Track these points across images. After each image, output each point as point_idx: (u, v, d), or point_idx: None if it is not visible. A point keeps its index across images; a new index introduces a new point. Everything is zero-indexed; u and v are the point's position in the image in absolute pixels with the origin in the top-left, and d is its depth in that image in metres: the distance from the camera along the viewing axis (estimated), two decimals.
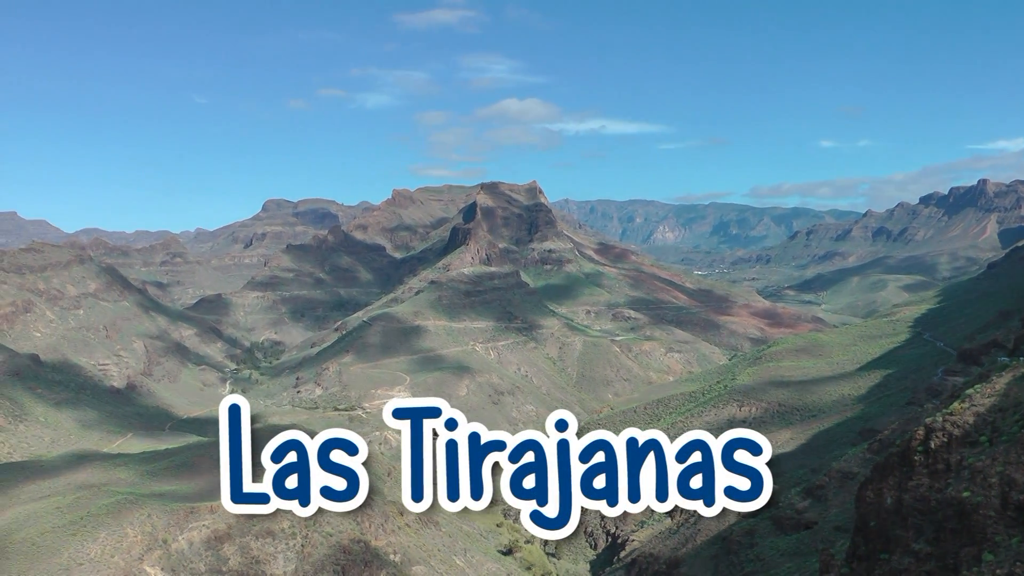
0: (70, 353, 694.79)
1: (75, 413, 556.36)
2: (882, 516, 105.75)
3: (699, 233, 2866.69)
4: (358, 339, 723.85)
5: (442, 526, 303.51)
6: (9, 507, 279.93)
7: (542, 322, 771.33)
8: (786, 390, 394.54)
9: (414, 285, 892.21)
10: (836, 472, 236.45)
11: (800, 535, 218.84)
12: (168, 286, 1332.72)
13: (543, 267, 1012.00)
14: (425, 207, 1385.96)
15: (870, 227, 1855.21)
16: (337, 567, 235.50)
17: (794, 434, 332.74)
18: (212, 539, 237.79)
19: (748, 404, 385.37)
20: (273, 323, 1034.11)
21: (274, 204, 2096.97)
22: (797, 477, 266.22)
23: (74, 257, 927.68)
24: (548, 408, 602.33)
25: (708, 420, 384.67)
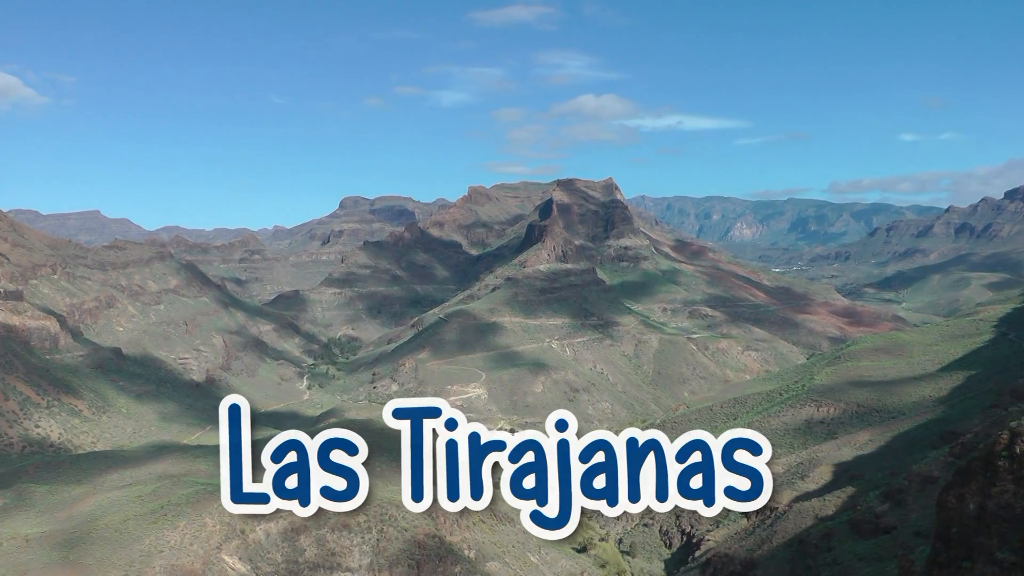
0: (151, 347, 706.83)
1: (156, 405, 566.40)
2: (964, 523, 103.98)
3: (777, 230, 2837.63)
4: (434, 335, 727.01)
5: (516, 522, 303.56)
6: (93, 495, 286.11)
7: (618, 319, 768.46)
8: (865, 391, 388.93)
9: (490, 282, 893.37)
10: (916, 476, 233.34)
11: (879, 540, 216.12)
12: (246, 282, 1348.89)
13: (619, 264, 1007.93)
14: (501, 204, 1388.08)
15: (952, 223, 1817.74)
16: (412, 562, 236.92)
17: (873, 436, 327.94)
18: (289, 531, 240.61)
19: (826, 404, 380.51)
20: (350, 319, 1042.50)
21: (351, 201, 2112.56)
22: (876, 480, 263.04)
23: (155, 254, 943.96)
24: (624, 406, 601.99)
25: (785, 420, 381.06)
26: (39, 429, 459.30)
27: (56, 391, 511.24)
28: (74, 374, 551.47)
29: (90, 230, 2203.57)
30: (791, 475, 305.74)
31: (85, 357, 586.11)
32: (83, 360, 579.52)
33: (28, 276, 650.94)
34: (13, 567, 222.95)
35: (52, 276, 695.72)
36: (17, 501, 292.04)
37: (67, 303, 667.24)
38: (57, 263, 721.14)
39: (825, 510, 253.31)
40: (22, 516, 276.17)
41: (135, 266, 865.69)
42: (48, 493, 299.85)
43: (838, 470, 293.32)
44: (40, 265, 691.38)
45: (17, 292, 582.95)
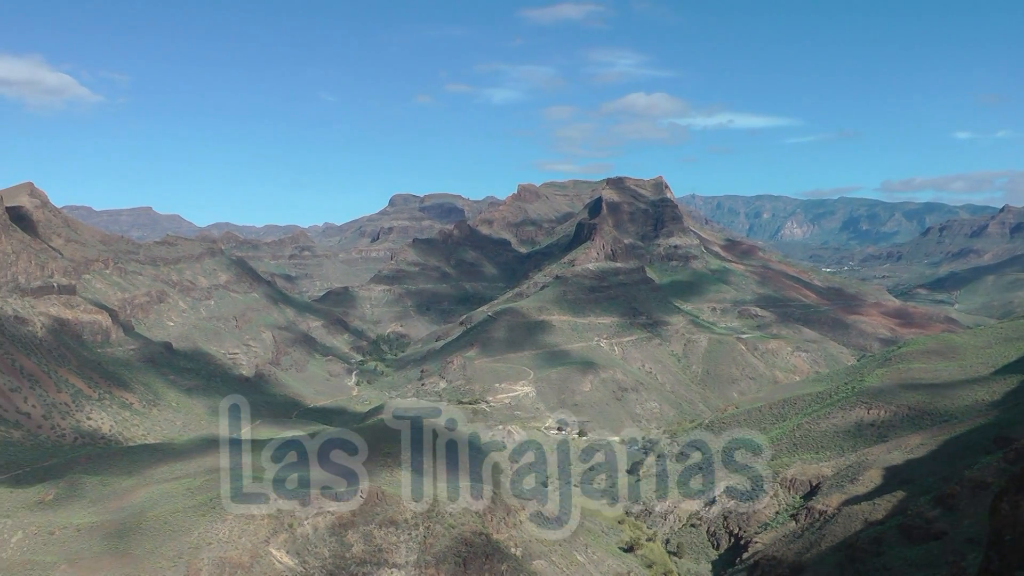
0: (201, 342, 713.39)
1: (205, 400, 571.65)
2: (1019, 530, 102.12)
3: (828, 229, 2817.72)
4: (483, 333, 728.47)
5: (564, 521, 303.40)
6: (143, 487, 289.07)
7: (667, 319, 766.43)
8: (917, 393, 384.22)
9: (539, 280, 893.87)
10: (969, 481, 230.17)
11: (929, 545, 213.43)
12: (296, 278, 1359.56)
13: (669, 263, 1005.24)
14: (550, 202, 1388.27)
15: (1008, 223, 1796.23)
16: (458, 559, 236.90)
17: (924, 439, 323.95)
18: (336, 526, 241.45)
19: (877, 407, 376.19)
20: (399, 316, 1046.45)
21: (401, 199, 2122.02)
22: (927, 485, 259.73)
23: (206, 250, 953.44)
24: (672, 405, 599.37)
25: (835, 422, 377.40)
26: (91, 421, 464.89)
27: (107, 384, 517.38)
28: (125, 368, 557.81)
29: (142, 226, 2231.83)
30: (840, 478, 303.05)
31: (136, 351, 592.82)
32: (134, 354, 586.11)
33: (81, 271, 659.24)
34: (65, 555, 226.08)
35: (104, 271, 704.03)
36: (69, 491, 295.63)
37: (119, 298, 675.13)
38: (109, 258, 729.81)
39: (875, 514, 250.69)
40: (74, 506, 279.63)
41: (186, 262, 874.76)
42: (99, 484, 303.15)
43: (888, 474, 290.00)
44: (93, 260, 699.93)
45: (70, 287, 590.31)
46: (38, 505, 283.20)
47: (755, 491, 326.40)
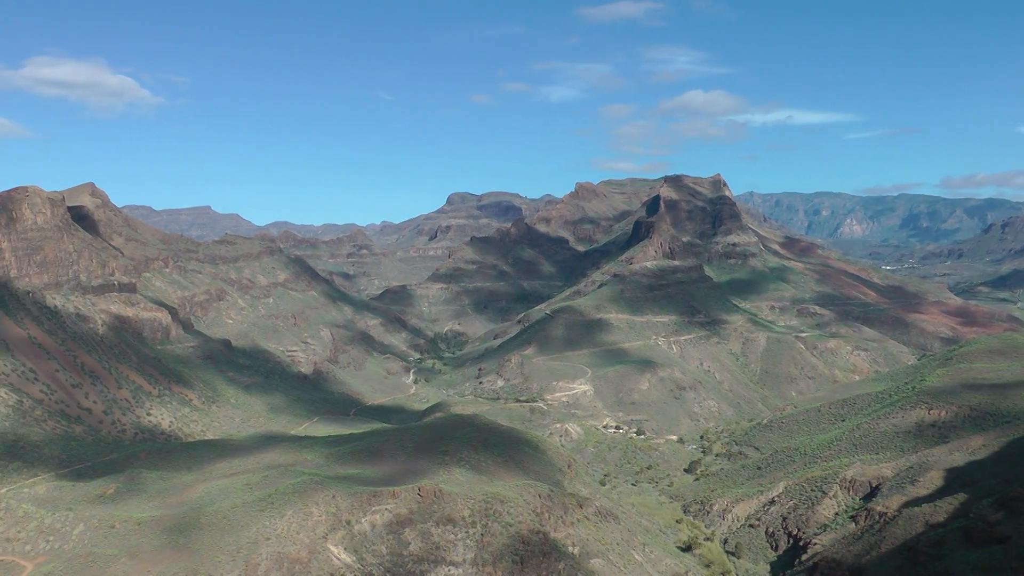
0: (260, 339, 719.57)
1: (264, 396, 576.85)
2: None
3: (887, 226, 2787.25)
4: (540, 331, 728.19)
5: (621, 520, 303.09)
6: (202, 482, 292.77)
7: (725, 317, 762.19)
8: (979, 393, 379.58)
9: (597, 278, 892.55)
10: None
11: (992, 549, 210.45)
12: (354, 277, 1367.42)
13: (727, 261, 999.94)
14: (608, 200, 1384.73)
15: None
16: (516, 557, 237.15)
17: (987, 441, 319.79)
18: (394, 523, 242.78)
19: (938, 407, 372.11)
20: (456, 314, 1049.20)
21: (458, 197, 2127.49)
22: (990, 487, 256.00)
23: (264, 249, 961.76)
24: (730, 405, 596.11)
25: (895, 423, 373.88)
26: (151, 417, 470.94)
27: (167, 381, 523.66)
28: (185, 365, 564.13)
29: (201, 225, 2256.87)
30: (901, 479, 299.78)
31: (195, 348, 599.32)
32: (193, 351, 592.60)
33: (141, 269, 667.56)
34: (126, 548, 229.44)
35: (164, 270, 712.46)
36: (130, 486, 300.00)
37: (178, 296, 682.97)
38: (169, 257, 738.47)
39: (936, 517, 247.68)
40: (134, 500, 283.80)
41: (245, 260, 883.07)
42: (159, 479, 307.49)
43: (950, 475, 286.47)
44: (153, 259, 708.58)
45: (130, 285, 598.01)
46: (99, 499, 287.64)
47: (814, 492, 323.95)
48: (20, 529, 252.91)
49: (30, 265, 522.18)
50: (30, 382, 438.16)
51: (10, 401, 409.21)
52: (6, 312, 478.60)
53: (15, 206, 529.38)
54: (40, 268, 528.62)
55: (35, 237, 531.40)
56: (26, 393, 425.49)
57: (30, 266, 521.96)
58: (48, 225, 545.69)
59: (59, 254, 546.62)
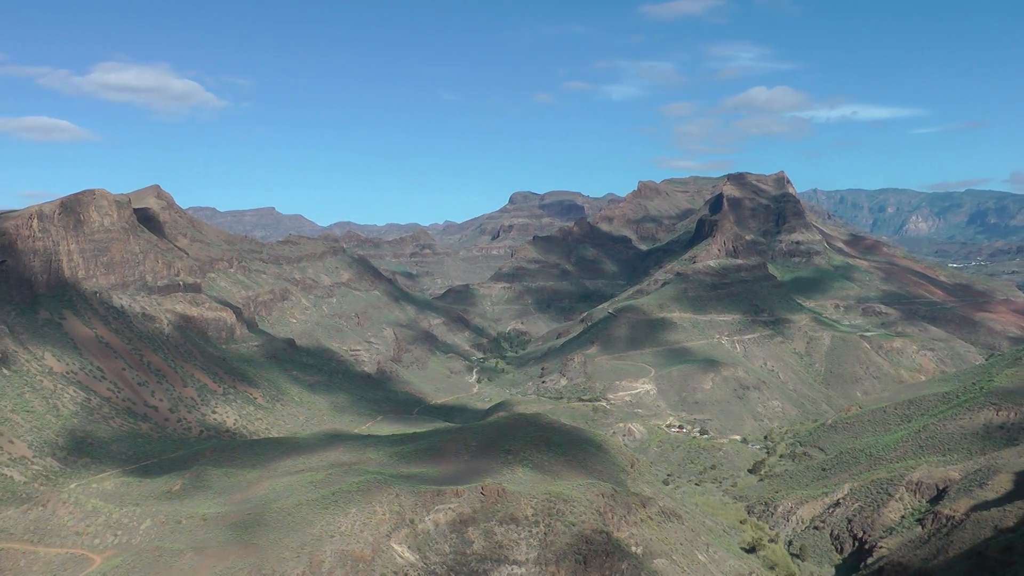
0: (324, 339, 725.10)
1: (328, 395, 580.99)
2: None
3: (954, 223, 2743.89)
4: (603, 331, 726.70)
5: (685, 520, 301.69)
6: (267, 479, 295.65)
7: (789, 316, 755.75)
8: None
9: (660, 277, 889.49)
10: None
11: None
12: (417, 276, 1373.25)
13: (791, 259, 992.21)
14: (671, 199, 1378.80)
15: None
16: (579, 556, 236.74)
17: None
18: (457, 522, 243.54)
19: (1006, 408, 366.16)
20: (519, 313, 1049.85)
21: (521, 196, 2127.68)
22: None
23: (328, 249, 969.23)
24: (795, 405, 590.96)
25: (962, 424, 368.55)
26: (216, 415, 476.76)
27: (232, 379, 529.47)
28: (249, 363, 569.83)
29: (265, 226, 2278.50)
30: (968, 482, 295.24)
31: (260, 347, 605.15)
32: (258, 350, 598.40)
33: (206, 270, 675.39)
34: (192, 543, 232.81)
35: (229, 270, 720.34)
36: (195, 482, 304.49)
37: (243, 295, 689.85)
38: (234, 257, 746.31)
39: (1005, 521, 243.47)
40: (200, 496, 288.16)
41: (308, 260, 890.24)
42: (224, 476, 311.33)
43: (1019, 479, 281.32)
44: (217, 259, 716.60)
45: (196, 285, 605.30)
46: (166, 495, 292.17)
47: (880, 494, 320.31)
48: (89, 523, 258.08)
49: (97, 266, 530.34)
50: (98, 380, 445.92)
51: (79, 399, 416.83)
52: (74, 312, 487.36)
53: (83, 209, 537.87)
54: (107, 269, 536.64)
55: (102, 239, 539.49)
56: (94, 391, 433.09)
57: (97, 267, 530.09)
58: (115, 227, 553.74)
59: (125, 255, 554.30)
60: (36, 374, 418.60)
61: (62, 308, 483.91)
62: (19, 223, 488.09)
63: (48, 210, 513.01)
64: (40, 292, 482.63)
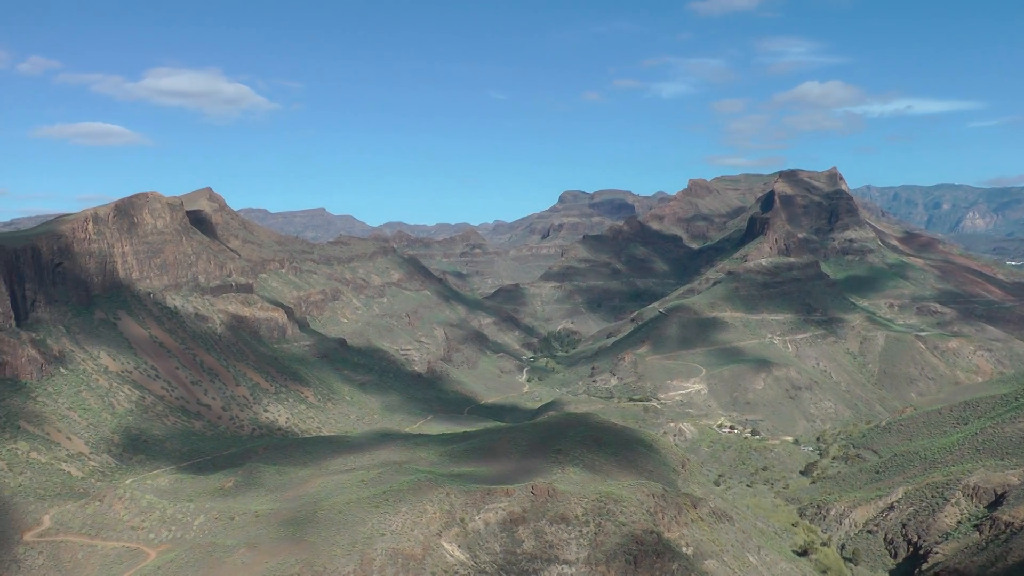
0: (374, 338, 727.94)
1: (379, 394, 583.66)
2: None
3: (1013, 219, 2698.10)
4: (654, 330, 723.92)
5: (736, 522, 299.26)
6: (318, 477, 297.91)
7: (843, 315, 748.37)
8: None
9: (711, 276, 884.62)
10: None
11: None
12: (467, 276, 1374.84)
13: (844, 257, 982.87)
14: (721, 197, 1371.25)
15: None
16: (629, 557, 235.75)
17: None
18: (508, 521, 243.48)
19: None
20: (569, 313, 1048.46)
21: (570, 196, 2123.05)
22: None
23: (378, 249, 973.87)
24: (848, 406, 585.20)
25: (1022, 427, 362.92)
26: (268, 413, 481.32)
27: (284, 378, 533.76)
28: (301, 363, 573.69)
29: (316, 227, 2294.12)
30: None
31: (311, 347, 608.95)
32: (309, 350, 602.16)
33: (258, 270, 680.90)
34: (245, 539, 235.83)
35: (280, 270, 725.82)
36: (248, 479, 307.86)
37: (294, 296, 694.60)
38: (285, 258, 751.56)
39: None
40: (252, 493, 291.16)
41: (359, 260, 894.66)
42: (276, 473, 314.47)
43: None
44: (269, 260, 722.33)
45: (248, 285, 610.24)
46: (219, 491, 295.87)
47: (935, 498, 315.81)
48: (144, 518, 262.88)
49: (151, 267, 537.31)
50: (152, 379, 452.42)
51: (133, 397, 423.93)
52: (128, 313, 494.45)
53: (136, 211, 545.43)
54: (160, 270, 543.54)
55: (155, 241, 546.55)
56: (148, 390, 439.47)
57: (151, 268, 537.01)
58: (168, 229, 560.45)
59: (178, 256, 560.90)
60: (92, 373, 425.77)
61: (117, 309, 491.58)
62: (75, 226, 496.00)
63: (103, 213, 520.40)
64: (95, 293, 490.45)
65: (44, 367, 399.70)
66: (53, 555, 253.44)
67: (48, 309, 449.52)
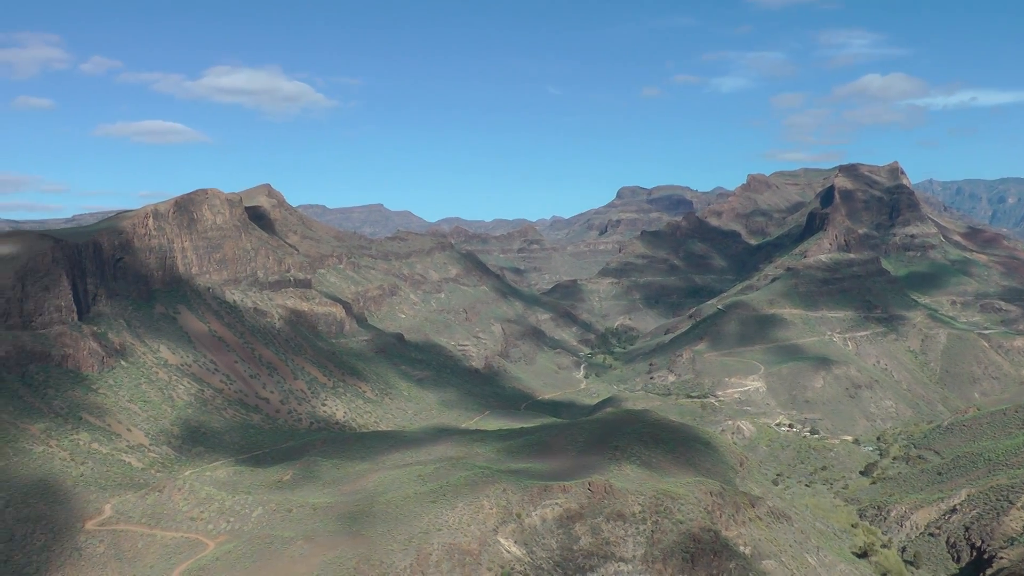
0: (432, 334, 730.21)
1: (436, 390, 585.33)
2: None
3: None
4: (712, 327, 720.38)
5: (794, 522, 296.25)
6: (375, 472, 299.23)
7: (904, 313, 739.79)
8: None
9: (769, 272, 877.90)
10: None
11: None
12: (524, 272, 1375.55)
13: (905, 253, 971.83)
14: (780, 192, 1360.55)
15: None
16: (686, 555, 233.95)
17: None
18: (564, 517, 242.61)
19: None
20: (626, 309, 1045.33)
21: (628, 191, 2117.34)
22: None
23: (436, 245, 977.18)
24: (908, 405, 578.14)
25: None
26: (325, 408, 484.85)
27: (341, 373, 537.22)
28: (359, 358, 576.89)
29: (374, 223, 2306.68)
30: None
31: (369, 342, 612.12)
32: (367, 345, 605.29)
33: (316, 266, 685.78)
34: (303, 532, 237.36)
35: (338, 266, 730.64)
36: (305, 473, 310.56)
37: (352, 291, 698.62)
38: (343, 254, 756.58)
39: None
40: (310, 487, 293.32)
41: (416, 256, 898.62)
42: (333, 467, 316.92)
43: None
44: (327, 256, 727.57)
45: (306, 281, 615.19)
46: (277, 484, 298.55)
47: (1000, 501, 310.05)
48: (203, 509, 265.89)
49: (210, 263, 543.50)
50: (211, 373, 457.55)
51: (192, 390, 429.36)
52: (188, 307, 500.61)
53: (196, 208, 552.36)
54: (220, 265, 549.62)
55: (215, 236, 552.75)
56: (207, 383, 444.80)
57: (210, 264, 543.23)
58: (227, 225, 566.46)
59: (237, 252, 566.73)
60: (152, 366, 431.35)
61: (176, 303, 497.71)
62: (135, 222, 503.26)
63: (163, 209, 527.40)
64: (155, 288, 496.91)
65: (105, 360, 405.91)
66: (114, 543, 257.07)
67: (109, 303, 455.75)
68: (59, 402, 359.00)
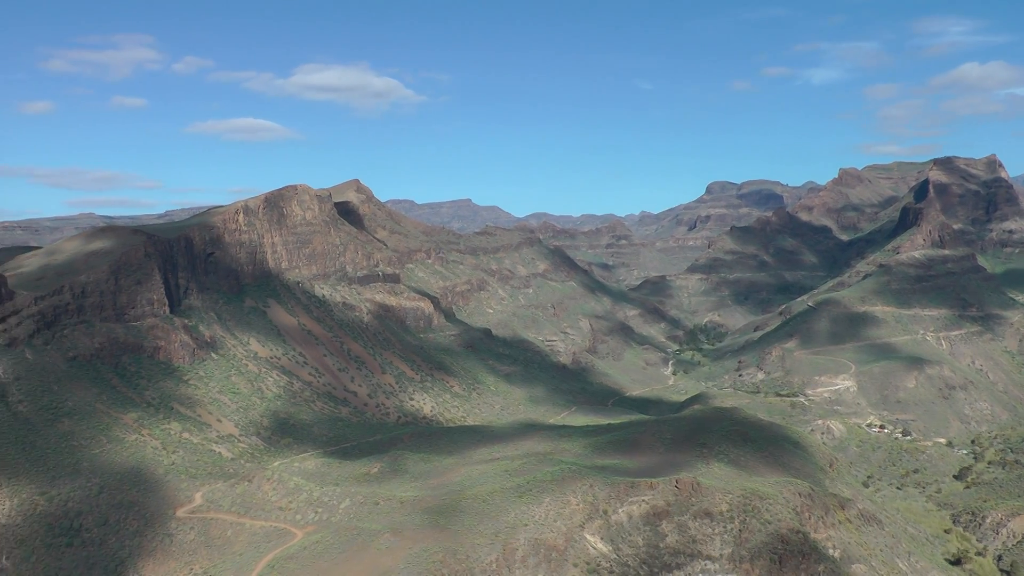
0: (519, 329, 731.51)
1: (524, 385, 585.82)
2: None
3: None
4: (802, 324, 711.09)
5: (885, 525, 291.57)
6: (462, 466, 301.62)
7: (1001, 312, 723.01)
8: None
9: (861, 269, 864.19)
10: None
11: None
12: (613, 267, 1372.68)
13: (1003, 250, 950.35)
14: (873, 186, 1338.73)
15: None
16: (774, 555, 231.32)
17: None
18: (651, 515, 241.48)
19: None
20: (715, 305, 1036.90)
21: (718, 186, 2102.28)
22: None
23: (524, 240, 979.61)
24: (1005, 407, 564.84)
25: None
26: (413, 402, 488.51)
27: (429, 368, 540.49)
28: (446, 353, 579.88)
29: (462, 218, 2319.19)
30: None
31: (457, 337, 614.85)
32: (455, 339, 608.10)
33: (404, 261, 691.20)
34: (389, 524, 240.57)
35: (427, 261, 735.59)
36: (393, 466, 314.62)
37: (440, 286, 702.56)
38: (431, 249, 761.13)
39: None
40: (397, 480, 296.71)
41: (504, 251, 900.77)
42: (421, 461, 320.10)
43: None
44: (415, 251, 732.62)
45: (395, 275, 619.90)
46: (364, 476, 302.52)
47: None
48: (291, 500, 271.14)
49: (300, 257, 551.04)
50: (300, 366, 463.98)
51: (282, 383, 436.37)
52: (278, 301, 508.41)
53: (286, 203, 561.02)
54: (309, 260, 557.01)
55: (304, 231, 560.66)
56: (296, 376, 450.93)
57: (300, 258, 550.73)
58: (316, 220, 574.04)
59: (326, 247, 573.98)
60: (242, 358, 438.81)
61: (266, 297, 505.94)
62: (226, 217, 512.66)
63: (253, 205, 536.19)
64: (246, 282, 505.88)
65: (196, 352, 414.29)
66: (203, 531, 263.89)
67: (200, 297, 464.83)
68: (151, 392, 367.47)
